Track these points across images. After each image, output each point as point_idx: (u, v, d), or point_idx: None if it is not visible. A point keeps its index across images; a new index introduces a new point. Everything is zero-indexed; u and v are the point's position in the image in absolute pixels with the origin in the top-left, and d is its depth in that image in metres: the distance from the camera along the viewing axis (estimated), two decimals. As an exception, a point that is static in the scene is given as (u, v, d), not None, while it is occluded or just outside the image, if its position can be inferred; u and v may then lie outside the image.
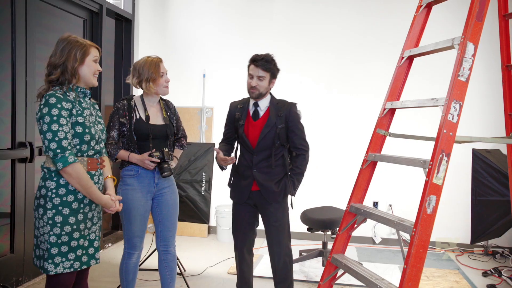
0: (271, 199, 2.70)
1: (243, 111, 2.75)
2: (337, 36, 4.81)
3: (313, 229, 3.78)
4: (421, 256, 1.87)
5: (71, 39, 2.00)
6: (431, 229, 1.90)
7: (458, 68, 1.97)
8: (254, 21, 4.94)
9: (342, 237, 2.46)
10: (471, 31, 1.98)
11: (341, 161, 4.71)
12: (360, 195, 2.45)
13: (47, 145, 1.91)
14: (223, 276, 3.65)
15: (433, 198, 1.91)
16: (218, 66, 5.00)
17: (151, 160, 2.51)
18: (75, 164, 1.93)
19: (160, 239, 2.72)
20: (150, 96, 2.65)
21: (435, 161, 1.91)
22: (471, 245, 4.58)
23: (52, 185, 1.95)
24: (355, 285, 3.49)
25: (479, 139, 2.16)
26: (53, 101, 1.90)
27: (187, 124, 4.80)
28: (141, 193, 2.57)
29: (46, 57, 2.05)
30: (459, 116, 1.97)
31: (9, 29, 3.11)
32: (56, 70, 1.97)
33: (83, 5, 3.88)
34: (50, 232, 1.94)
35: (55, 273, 1.95)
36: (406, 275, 1.85)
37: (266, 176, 2.70)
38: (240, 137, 2.75)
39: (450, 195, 4.56)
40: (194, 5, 5.06)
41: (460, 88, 1.97)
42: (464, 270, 3.97)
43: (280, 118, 2.69)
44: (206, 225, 4.87)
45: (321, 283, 2.43)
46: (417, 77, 4.12)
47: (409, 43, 2.46)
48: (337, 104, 4.81)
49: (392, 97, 2.44)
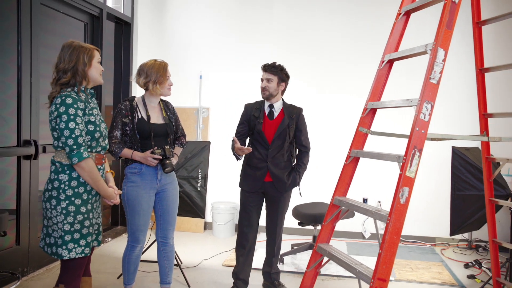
0: (281, 189, 3.14)
1: (260, 111, 3.16)
2: (328, 40, 5.01)
3: (304, 223, 3.96)
4: (394, 242, 2.06)
5: (76, 45, 2.19)
6: (404, 218, 2.09)
7: (430, 72, 2.16)
8: (248, 26, 5.14)
9: (327, 227, 2.65)
10: (441, 38, 2.18)
11: (330, 159, 4.91)
12: (343, 189, 2.64)
13: (64, 141, 2.09)
14: (218, 268, 3.84)
15: (406, 189, 2.10)
16: (214, 68, 5.19)
17: (153, 157, 2.68)
18: (88, 159, 2.13)
19: (160, 231, 2.90)
20: (152, 97, 2.82)
21: (408, 156, 2.11)
22: (456, 240, 4.80)
23: (65, 178, 2.14)
24: (343, 276, 3.69)
25: (450, 137, 2.35)
26: (70, 101, 2.09)
27: (184, 124, 4.98)
28: (144, 189, 2.74)
29: (50, 59, 2.25)
30: (431, 115, 2.16)
31: (15, 34, 3.29)
32: (66, 74, 2.16)
33: (84, 9, 4.06)
34: (64, 221, 2.12)
35: (69, 258, 2.14)
36: (381, 258, 2.04)
37: (278, 169, 3.12)
38: (258, 133, 3.12)
39: (437, 192, 4.79)
40: (191, 10, 5.25)
41: (431, 90, 2.16)
42: (447, 263, 4.18)
43: (292, 120, 3.15)
44: (202, 221, 5.06)
45: (307, 270, 2.62)
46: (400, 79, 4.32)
47: (389, 47, 2.65)
48: (327, 105, 5.02)
49: (373, 98, 2.63)
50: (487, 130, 2.96)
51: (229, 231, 4.88)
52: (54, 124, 2.13)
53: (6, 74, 3.30)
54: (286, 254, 4.01)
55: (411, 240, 4.88)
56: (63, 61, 2.17)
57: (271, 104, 3.19)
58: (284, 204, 3.23)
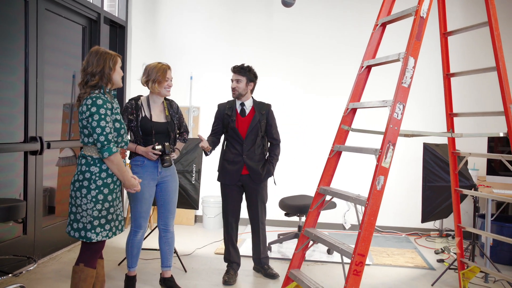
0: (257, 180, 3.44)
1: (232, 110, 3.43)
2: (313, 44, 5.36)
3: (290, 214, 4.30)
4: (372, 223, 2.40)
5: (102, 51, 2.47)
6: (380, 202, 2.43)
7: (402, 77, 2.51)
8: (237, 30, 5.45)
9: (313, 214, 2.98)
10: (412, 48, 2.53)
11: (314, 154, 5.26)
12: (327, 179, 2.97)
13: (96, 138, 2.35)
14: (210, 256, 4.14)
15: (382, 178, 2.45)
16: (204, 70, 5.48)
17: (153, 152, 2.97)
18: (117, 153, 2.40)
19: (161, 220, 3.19)
20: (154, 96, 3.09)
21: (383, 149, 2.45)
22: (429, 230, 5.21)
23: (96, 170, 2.40)
24: (326, 261, 4.05)
25: (419, 133, 2.72)
26: (100, 102, 2.36)
27: (176, 122, 5.25)
28: (146, 180, 3.02)
29: (53, 61, 2.48)
30: (403, 114, 2.51)
31: (23, 37, 3.52)
32: (94, 77, 2.42)
33: (83, 13, 4.30)
34: (94, 208, 2.39)
35: (97, 240, 2.42)
36: (360, 237, 2.37)
37: (253, 162, 3.42)
38: (232, 130, 3.39)
39: (412, 187, 5.19)
40: (183, 14, 5.52)
41: (403, 93, 2.51)
42: (420, 250, 4.58)
43: (262, 115, 3.45)
44: (193, 214, 5.35)
45: (295, 252, 2.95)
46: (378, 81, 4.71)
47: (367, 55, 3.00)
48: (311, 104, 5.38)
49: (354, 99, 2.98)
50: (453, 128, 3.34)
51: (218, 224, 5.17)
52: (86, 123, 2.38)
53: (14, 74, 3.52)
54: (273, 242, 4.34)
55: (388, 231, 5.28)
56: (91, 65, 2.43)
57: (242, 103, 3.49)
58: (262, 194, 3.53)
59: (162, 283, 3.25)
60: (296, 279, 2.82)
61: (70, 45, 4.34)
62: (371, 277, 3.71)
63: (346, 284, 2.34)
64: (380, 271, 3.87)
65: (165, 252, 3.22)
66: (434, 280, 3.59)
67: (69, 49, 4.32)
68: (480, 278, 3.66)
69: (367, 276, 3.71)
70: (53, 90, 4.03)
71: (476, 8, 5.05)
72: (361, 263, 2.38)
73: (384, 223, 5.28)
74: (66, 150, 4.29)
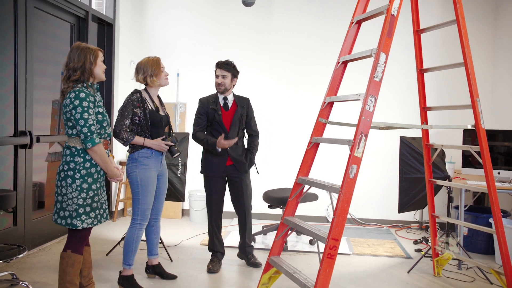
0: (242, 170, 3.61)
1: (216, 104, 3.56)
2: (293, 41, 5.51)
3: (273, 206, 4.43)
4: (345, 209, 2.54)
5: (83, 46, 2.58)
6: (353, 190, 2.57)
7: (373, 71, 2.66)
8: (223, 28, 5.58)
9: (292, 203, 3.12)
10: (383, 44, 2.68)
11: (296, 148, 5.40)
12: (306, 170, 3.11)
13: (80, 129, 2.46)
14: (196, 247, 4.27)
15: (354, 167, 2.59)
16: (191, 67, 5.60)
17: (165, 143, 3.09)
18: (100, 144, 2.52)
19: (153, 210, 3.28)
20: (153, 90, 3.20)
21: (356, 139, 2.59)
22: (409, 222, 5.39)
23: (80, 160, 2.52)
24: (307, 251, 4.20)
25: (392, 125, 2.87)
26: (83, 95, 2.47)
27: (164, 118, 5.37)
28: (154, 172, 3.12)
29: (42, 58, 2.57)
30: (375, 107, 2.66)
31: (12, 34, 3.61)
32: (76, 72, 2.53)
33: (72, 11, 4.40)
34: (79, 196, 2.50)
35: (82, 228, 2.54)
36: (334, 222, 2.52)
37: (236, 153, 3.59)
38: (218, 123, 3.53)
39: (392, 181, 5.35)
40: (169, 12, 5.64)
41: (375, 86, 2.65)
42: (399, 240, 4.75)
43: (243, 109, 3.61)
44: (180, 207, 5.47)
45: (276, 239, 3.09)
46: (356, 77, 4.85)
47: (343, 51, 3.14)
48: (293, 99, 5.54)
49: (330, 93, 3.12)
50: (427, 121, 3.51)
51: (204, 217, 5.28)
52: (69, 115, 2.49)
53: (3, 70, 3.62)
54: (257, 234, 4.48)
55: (370, 223, 5.45)
56: (72, 61, 2.54)
57: (225, 97, 3.63)
58: (247, 184, 3.68)
59: (150, 271, 3.37)
60: (275, 265, 2.96)
61: (58, 43, 4.44)
62: (351, 265, 3.87)
63: (321, 267, 2.48)
64: (360, 260, 4.03)
65: (153, 240, 3.34)
66: (410, 267, 3.75)
67: (57, 46, 4.42)
68: (454, 266, 3.84)
69: (348, 264, 3.87)
70: (42, 86, 4.13)
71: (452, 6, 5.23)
72: (335, 247, 2.53)
73: (366, 215, 5.44)
74: (55, 145, 4.39)
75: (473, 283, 3.51)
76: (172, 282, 3.32)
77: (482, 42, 5.28)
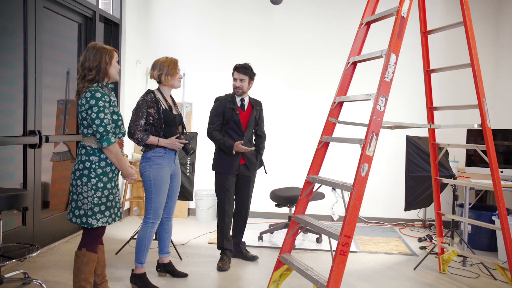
0: (253, 169, 3.75)
1: (234, 104, 3.67)
2: (300, 41, 5.56)
3: (280, 204, 4.48)
4: (357, 206, 2.59)
5: (99, 46, 2.61)
6: (364, 188, 2.62)
7: (384, 72, 2.70)
8: (227, 28, 5.62)
9: (303, 201, 3.16)
10: (393, 46, 2.72)
11: (303, 148, 5.45)
12: (316, 169, 3.16)
13: (96, 129, 2.49)
14: (205, 245, 4.31)
15: (366, 165, 2.64)
16: (196, 67, 5.63)
17: (179, 141, 3.12)
18: (115, 143, 2.55)
19: (166, 209, 3.30)
20: (166, 89, 3.22)
21: (367, 139, 2.64)
22: (413, 220, 5.45)
23: (95, 159, 2.55)
24: (315, 249, 4.24)
25: (401, 124, 2.92)
26: (99, 95, 2.50)
27: (169, 118, 5.39)
28: (167, 171, 3.15)
29: (50, 57, 2.57)
30: (385, 106, 2.70)
31: (22, 33, 3.63)
32: (91, 72, 2.56)
33: (80, 11, 4.42)
34: (94, 195, 2.53)
35: (97, 226, 2.56)
36: (346, 219, 2.57)
37: (249, 152, 3.69)
38: (234, 122, 3.64)
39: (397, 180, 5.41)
40: (175, 13, 5.67)
41: (385, 86, 2.70)
42: (404, 238, 4.80)
43: (257, 111, 3.75)
44: (186, 207, 5.50)
45: (286, 237, 3.13)
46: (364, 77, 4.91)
47: (353, 52, 3.18)
48: (300, 99, 5.58)
49: (340, 93, 3.16)
50: (433, 120, 3.56)
51: (211, 216, 5.33)
52: (85, 115, 2.52)
53: (13, 70, 3.64)
54: (265, 232, 4.52)
55: (374, 221, 5.50)
56: (88, 60, 2.57)
57: (242, 98, 3.75)
58: (253, 181, 3.86)
59: (162, 269, 3.41)
60: (287, 262, 3.00)
61: (66, 42, 4.45)
62: (358, 263, 3.92)
63: (333, 263, 2.52)
64: (366, 257, 4.08)
65: (165, 239, 3.37)
66: (416, 264, 3.80)
67: (65, 46, 4.44)
68: (459, 263, 3.90)
69: (354, 262, 3.92)
70: (49, 85, 4.15)
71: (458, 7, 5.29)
72: (347, 244, 2.57)
73: (370, 214, 5.50)
74: (61, 145, 4.40)
75: (477, 279, 3.57)
76: (184, 280, 3.35)
77: (484, 43, 5.35)
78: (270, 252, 4.13)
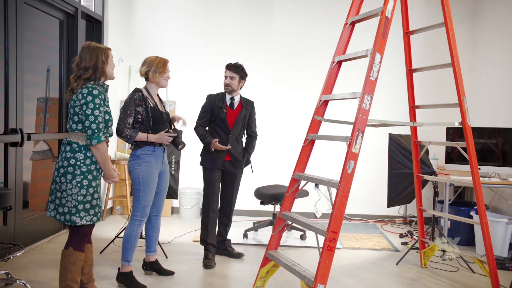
0: (238, 167, 3.77)
1: (223, 102, 3.71)
2: (286, 40, 5.60)
3: (265, 202, 4.51)
4: (343, 203, 2.64)
5: (94, 46, 2.59)
6: (351, 184, 2.67)
7: (369, 71, 2.76)
8: (212, 28, 5.62)
9: (289, 198, 3.20)
10: (378, 45, 2.79)
11: (288, 146, 5.50)
12: (302, 166, 3.20)
13: (88, 125, 2.47)
14: (189, 243, 4.31)
15: (352, 162, 2.69)
16: (180, 66, 5.61)
17: (168, 135, 3.11)
18: (104, 142, 2.54)
19: (154, 207, 3.29)
20: (153, 87, 3.23)
21: (353, 136, 2.70)
22: (394, 217, 5.56)
23: (81, 156, 2.53)
24: (299, 246, 4.30)
25: (385, 122, 2.99)
26: (96, 92, 2.49)
27: (152, 116, 5.36)
28: (156, 169, 3.14)
29: (32, 54, 2.52)
30: (370, 105, 2.76)
31: (2, 30, 3.55)
32: (88, 71, 2.55)
33: (61, 7, 4.35)
34: (78, 193, 2.50)
35: (81, 224, 2.54)
36: (333, 215, 2.61)
37: (235, 150, 3.73)
38: (221, 120, 3.67)
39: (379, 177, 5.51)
40: (159, 11, 5.64)
41: (370, 85, 2.76)
42: (386, 234, 4.91)
43: (247, 110, 3.79)
44: (170, 205, 5.48)
45: (273, 234, 3.16)
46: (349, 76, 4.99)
47: (338, 51, 3.24)
48: (286, 98, 5.63)
49: (326, 92, 3.21)
50: (415, 119, 3.65)
51: (194, 214, 5.33)
52: (78, 110, 2.50)
53: (-6, 67, 3.56)
54: (249, 230, 4.55)
55: (356, 218, 5.59)
56: (84, 60, 2.57)
57: (232, 97, 3.79)
58: (240, 179, 3.89)
59: (148, 267, 3.39)
60: (274, 259, 3.04)
61: (47, 39, 4.38)
62: (342, 258, 3.98)
63: (321, 258, 2.57)
64: (349, 253, 4.16)
65: (153, 237, 3.36)
66: (398, 259, 3.90)
67: (46, 43, 4.36)
68: (438, 257, 4.01)
69: (338, 258, 3.98)
70: (30, 82, 4.07)
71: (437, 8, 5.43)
72: (334, 239, 2.62)
73: (353, 211, 5.59)
74: (41, 143, 4.32)
75: (457, 272, 3.68)
76: (170, 278, 3.35)
77: (461, 44, 5.49)
78: (255, 249, 4.16)
